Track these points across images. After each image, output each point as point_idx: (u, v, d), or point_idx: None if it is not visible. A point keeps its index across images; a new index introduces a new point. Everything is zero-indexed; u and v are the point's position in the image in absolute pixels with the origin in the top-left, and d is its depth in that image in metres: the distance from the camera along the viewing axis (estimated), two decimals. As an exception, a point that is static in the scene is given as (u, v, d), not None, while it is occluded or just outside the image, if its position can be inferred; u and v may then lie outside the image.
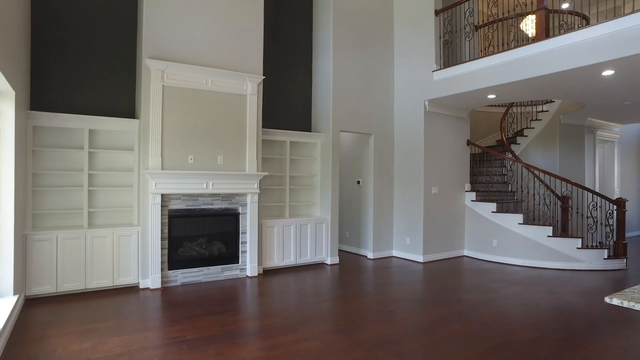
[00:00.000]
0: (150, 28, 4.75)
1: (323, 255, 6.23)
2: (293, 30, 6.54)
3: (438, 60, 6.32)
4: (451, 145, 6.87)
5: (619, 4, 8.25)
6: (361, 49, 6.60)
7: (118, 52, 5.10)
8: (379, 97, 6.82)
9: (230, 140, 5.24)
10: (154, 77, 4.71)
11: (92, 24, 4.95)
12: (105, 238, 4.56)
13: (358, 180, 7.09)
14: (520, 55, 5.14)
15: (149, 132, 4.71)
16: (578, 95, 5.98)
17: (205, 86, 5.06)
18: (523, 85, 5.46)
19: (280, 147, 6.28)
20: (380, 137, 6.83)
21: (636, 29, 4.10)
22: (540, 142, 8.05)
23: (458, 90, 5.90)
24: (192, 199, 5.01)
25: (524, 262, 6.29)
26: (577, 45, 4.57)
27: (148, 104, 4.72)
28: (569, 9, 6.75)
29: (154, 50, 4.76)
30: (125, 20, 5.15)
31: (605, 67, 4.63)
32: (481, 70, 5.59)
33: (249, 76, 5.31)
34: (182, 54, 4.95)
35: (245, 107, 5.37)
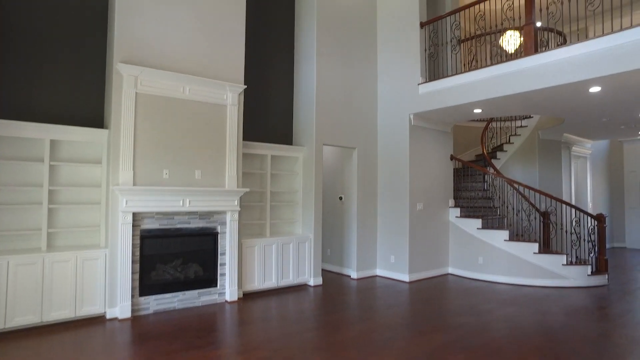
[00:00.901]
0: (122, 30, 4.34)
1: (306, 276, 5.89)
2: (274, 39, 6.27)
3: (424, 73, 6.22)
4: (435, 160, 6.75)
5: (586, 25, 8.52)
6: (345, 60, 6.41)
7: (86, 54, 4.65)
8: (363, 109, 6.63)
9: (208, 154, 4.86)
10: (126, 83, 4.30)
11: (57, 22, 4.49)
12: (67, 262, 4.05)
13: (340, 196, 6.83)
14: (508, 70, 5.08)
15: (119, 144, 4.27)
16: (562, 111, 6.00)
17: (183, 95, 4.69)
18: (510, 100, 5.41)
19: (260, 161, 5.94)
20: (364, 151, 6.62)
21: (625, 47, 4.10)
22: (520, 157, 8.10)
23: (445, 104, 5.79)
24: (167, 217, 4.58)
25: (510, 280, 6.18)
26: (566, 61, 4.54)
27: (119, 112, 4.29)
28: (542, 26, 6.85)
29: (126, 54, 4.36)
30: (94, 19, 4.72)
31: (593, 84, 4.63)
32: (469, 84, 5.50)
33: (229, 85, 4.98)
34: (158, 59, 4.56)
35: (225, 118, 5.02)
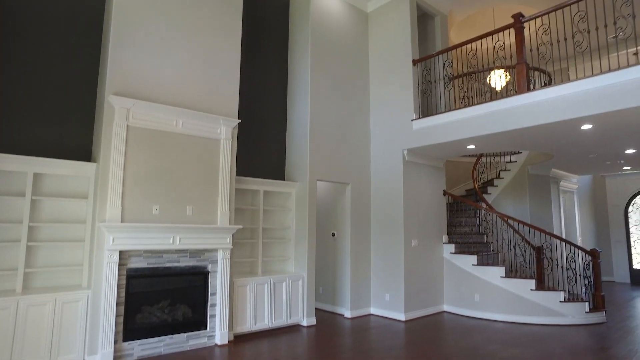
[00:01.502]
0: (116, 61, 4.25)
1: (299, 316, 5.62)
2: (268, 73, 6.27)
3: (417, 109, 6.26)
4: (429, 196, 6.70)
5: (568, 65, 8.85)
6: (338, 95, 6.43)
7: (76, 84, 4.52)
8: (356, 145, 6.60)
9: (200, 189, 4.69)
10: (117, 115, 4.16)
11: (47, 52, 4.37)
12: (44, 306, 3.74)
13: (333, 232, 6.67)
14: (502, 107, 5.15)
15: (108, 178, 4.08)
16: (552, 147, 6.08)
17: (175, 128, 4.56)
18: (503, 137, 5.45)
19: (252, 197, 5.78)
20: (358, 187, 6.53)
21: (616, 86, 4.19)
22: (510, 192, 8.14)
23: (439, 140, 5.80)
24: (156, 255, 4.33)
25: (508, 318, 6.03)
26: (559, 99, 4.62)
27: (109, 145, 4.12)
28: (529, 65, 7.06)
29: (119, 85, 4.24)
30: (87, 50, 4.62)
31: (585, 122, 4.70)
32: (462, 121, 5.54)
33: (223, 119, 4.88)
34: (151, 92, 4.46)
35: (218, 153, 4.89)
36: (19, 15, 4.23)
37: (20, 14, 4.24)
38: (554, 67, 8.86)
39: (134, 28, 4.40)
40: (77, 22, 4.58)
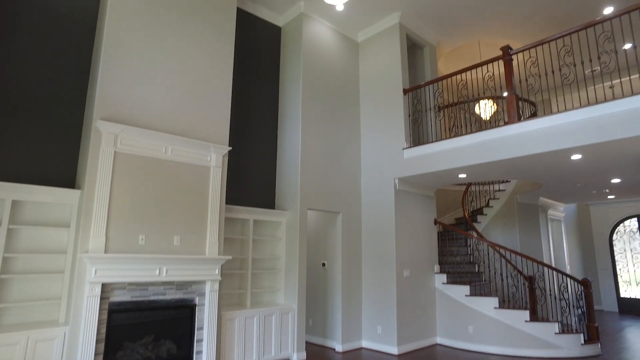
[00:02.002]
0: (105, 85, 4.14)
1: (289, 350, 5.38)
2: (259, 101, 6.24)
3: (408, 138, 6.28)
4: (420, 225, 6.64)
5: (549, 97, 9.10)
6: (329, 123, 6.42)
7: (62, 108, 4.38)
8: (347, 173, 6.55)
9: (189, 218, 4.53)
10: (105, 141, 4.02)
11: (32, 72, 4.24)
12: (14, 346, 3.46)
13: (323, 263, 6.51)
14: (493, 137, 5.18)
15: (92, 206, 3.89)
16: (541, 176, 6.13)
17: (165, 155, 4.43)
18: (495, 166, 5.47)
19: (242, 226, 5.62)
20: (348, 216, 6.44)
21: (605, 118, 4.27)
22: (500, 220, 8.15)
23: (430, 169, 5.79)
24: (141, 288, 4.10)
25: (503, 350, 5.88)
26: (550, 129, 4.67)
27: (95, 172, 3.96)
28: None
29: (107, 110, 4.12)
30: (75, 73, 4.50)
31: (575, 152, 4.76)
32: (454, 150, 5.56)
33: (213, 146, 4.78)
34: (140, 117, 4.34)
35: (208, 181, 4.76)
36: (5, 35, 4.12)
37: (7, 33, 4.13)
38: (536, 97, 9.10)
39: (126, 52, 4.33)
40: (67, 44, 4.49)
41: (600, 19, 4.56)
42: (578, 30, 4.68)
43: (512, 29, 6.98)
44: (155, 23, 4.61)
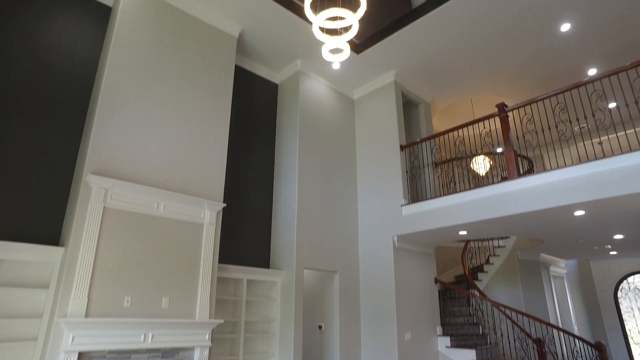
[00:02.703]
0: (99, 138, 4.05)
1: None
2: (255, 155, 6.18)
3: (406, 195, 6.18)
4: (420, 284, 6.36)
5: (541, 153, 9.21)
6: (326, 179, 6.33)
7: (51, 162, 4.24)
8: (344, 230, 6.36)
9: (179, 278, 4.26)
10: (94, 196, 3.85)
11: (23, 123, 4.14)
12: None
13: (320, 325, 6.13)
14: (493, 193, 5.10)
15: (76, 265, 3.64)
16: (543, 232, 6.00)
17: (156, 211, 4.25)
18: (496, 223, 5.33)
19: (235, 286, 5.32)
20: (346, 275, 6.16)
21: (605, 174, 4.22)
22: (501, 278, 7.88)
23: (430, 226, 5.63)
24: (123, 356, 3.74)
25: None
26: (551, 185, 4.60)
27: (81, 228, 3.75)
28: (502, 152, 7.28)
29: (99, 164, 3.99)
30: (68, 126, 4.42)
31: (577, 208, 4.67)
32: (454, 207, 5.44)
33: (208, 202, 4.63)
34: (133, 172, 4.21)
35: (200, 239, 4.55)
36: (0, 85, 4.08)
37: (1, 83, 4.09)
38: (528, 152, 9.21)
39: (122, 106, 4.29)
40: (62, 98, 4.45)
41: (587, 80, 4.68)
42: (569, 89, 4.78)
43: (502, 86, 7.18)
44: (154, 78, 4.63)
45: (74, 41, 4.67)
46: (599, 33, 5.79)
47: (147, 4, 4.79)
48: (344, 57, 3.71)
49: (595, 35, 5.84)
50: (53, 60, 4.48)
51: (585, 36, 5.85)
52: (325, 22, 3.65)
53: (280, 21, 5.53)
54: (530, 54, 6.25)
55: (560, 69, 6.62)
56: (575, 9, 5.31)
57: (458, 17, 5.45)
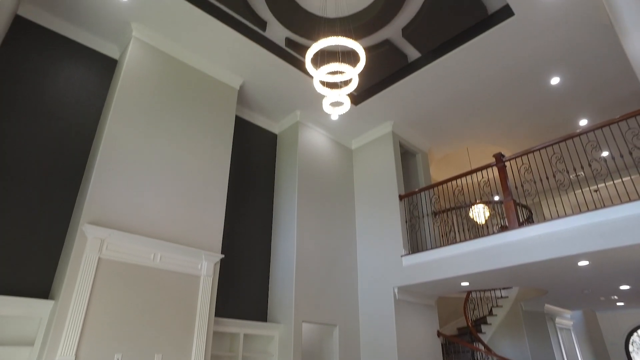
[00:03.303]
0: (97, 187, 4.02)
1: None
2: (253, 205, 6.14)
3: (406, 245, 6.09)
4: (422, 338, 6.12)
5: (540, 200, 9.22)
6: (325, 230, 6.26)
7: (42, 210, 4.17)
8: (344, 282, 6.21)
9: (173, 333, 4.08)
10: (90, 247, 3.76)
11: (21, 171, 4.12)
12: None
13: (319, 381, 5.81)
14: (495, 243, 5.03)
15: (65, 319, 3.48)
16: (547, 283, 5.87)
17: (153, 262, 4.15)
18: (498, 274, 5.23)
19: (230, 341, 5.09)
20: (346, 329, 5.93)
21: (608, 224, 4.19)
22: (506, 330, 7.60)
23: (431, 277, 5.51)
24: (108, 422, 3.49)
25: None
26: (553, 235, 4.56)
27: (74, 280, 3.63)
28: (499, 200, 7.29)
29: (96, 213, 3.94)
30: (66, 176, 4.39)
31: (582, 258, 4.60)
32: (455, 257, 5.35)
33: (205, 253, 4.53)
34: (130, 221, 4.15)
35: (197, 291, 4.41)
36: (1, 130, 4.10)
37: (3, 128, 4.11)
38: (527, 200, 9.23)
39: (123, 154, 4.30)
40: (62, 143, 4.46)
41: (580, 131, 4.80)
42: (564, 139, 4.87)
43: (498, 136, 7.32)
44: (155, 128, 4.69)
45: (79, 92, 4.77)
46: (587, 87, 6.00)
47: (152, 57, 4.96)
48: (344, 110, 3.79)
49: (583, 89, 6.05)
50: (57, 110, 4.55)
51: (574, 89, 6.06)
52: (325, 76, 3.76)
53: (280, 73, 5.71)
54: (523, 105, 6.44)
55: (553, 119, 6.79)
56: (563, 64, 5.53)
57: (451, 71, 5.65)
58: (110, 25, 4.89)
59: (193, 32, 5.02)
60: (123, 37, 5.04)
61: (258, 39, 5.20)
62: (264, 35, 5.25)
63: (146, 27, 4.92)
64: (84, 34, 4.98)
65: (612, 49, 5.24)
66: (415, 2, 4.79)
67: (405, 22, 5.04)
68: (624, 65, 5.51)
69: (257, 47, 5.25)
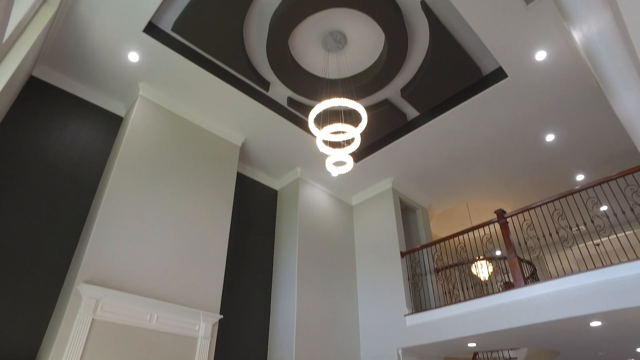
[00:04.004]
0: (96, 245, 3.94)
1: None
2: (252, 262, 6.01)
3: (409, 304, 5.91)
4: (431, 404, 5.76)
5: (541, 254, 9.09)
6: (326, 286, 6.09)
7: (36, 268, 4.05)
8: (346, 343, 5.93)
9: (166, 401, 3.82)
10: (84, 307, 3.62)
11: (17, 229, 4.04)
12: None
13: None
14: (501, 302, 4.88)
15: (52, 390, 3.27)
16: (559, 344, 5.62)
17: (149, 324, 3.98)
18: (507, 334, 5.01)
19: (226, 408, 4.77)
20: (349, 393, 5.59)
21: (618, 282, 4.09)
22: (518, 398, 7.15)
23: (437, 338, 5.28)
24: None
25: None
26: (561, 293, 4.43)
27: (64, 344, 3.45)
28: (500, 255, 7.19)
29: (93, 272, 3.83)
30: (63, 234, 4.32)
31: (594, 319, 4.43)
32: (461, 317, 5.16)
33: (203, 314, 4.37)
34: (127, 281, 4.03)
35: (194, 354, 4.19)
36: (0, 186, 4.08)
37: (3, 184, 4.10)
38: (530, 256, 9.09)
39: (123, 212, 4.27)
40: (62, 199, 4.43)
41: (579, 187, 4.84)
42: (564, 196, 4.89)
43: (497, 191, 7.36)
44: (157, 184, 4.70)
45: (84, 148, 4.83)
46: (581, 144, 6.13)
47: (156, 114, 5.09)
48: (347, 169, 3.83)
49: (578, 146, 6.18)
50: (61, 165, 4.58)
51: (569, 146, 6.19)
52: (328, 135, 3.84)
53: (281, 131, 5.84)
54: (520, 161, 6.54)
55: (550, 174, 6.87)
56: (557, 122, 5.69)
57: (449, 129, 5.80)
58: (119, 84, 5.06)
59: (198, 91, 5.20)
60: (130, 95, 5.20)
61: (261, 98, 5.38)
62: (266, 94, 5.43)
63: (153, 86, 5.09)
64: (92, 92, 5.14)
65: (602, 108, 5.43)
66: (413, 64, 5.02)
67: (404, 82, 5.25)
68: (615, 123, 5.68)
69: (259, 106, 5.41)
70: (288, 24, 4.39)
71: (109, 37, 4.46)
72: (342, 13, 4.45)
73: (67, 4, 4.09)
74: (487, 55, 4.87)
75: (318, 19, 4.51)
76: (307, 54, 4.92)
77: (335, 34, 4.64)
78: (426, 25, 4.53)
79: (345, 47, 4.85)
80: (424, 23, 4.51)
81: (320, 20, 4.52)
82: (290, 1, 4.19)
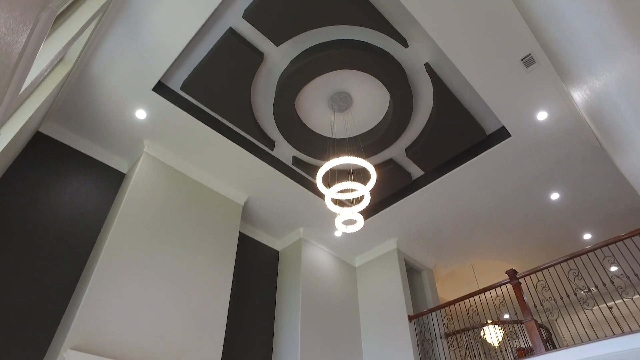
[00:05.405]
0: (88, 307, 3.66)
1: None
2: (253, 324, 5.65)
3: (421, 372, 5.50)
4: None
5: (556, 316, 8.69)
6: (329, 352, 5.69)
7: (17, 328, 3.72)
8: (353, 417, 5.44)
9: None
10: (70, 383, 3.29)
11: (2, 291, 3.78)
12: None
13: None
14: (521, 371, 4.55)
15: None
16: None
17: (139, 399, 3.61)
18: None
19: None
20: None
21: None
22: None
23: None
24: None
25: None
26: (586, 361, 4.14)
27: None
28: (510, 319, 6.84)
29: (82, 337, 3.52)
30: (53, 296, 4.04)
31: (622, 389, 4.10)
32: (478, 387, 4.78)
33: (200, 384, 4.00)
34: (119, 347, 3.70)
35: None
36: (-5, 261, 3.87)
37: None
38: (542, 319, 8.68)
39: (120, 272, 4.03)
40: (56, 259, 4.20)
41: (589, 248, 4.72)
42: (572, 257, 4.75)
43: (503, 251, 7.18)
44: (158, 243, 4.51)
45: (83, 204, 4.68)
46: (587, 202, 6.09)
47: (159, 172, 5.02)
48: (357, 227, 3.71)
49: (583, 204, 6.12)
50: (58, 223, 4.40)
51: (574, 204, 6.13)
52: (337, 194, 3.76)
53: (284, 190, 5.76)
54: (525, 220, 6.45)
55: (557, 233, 6.75)
56: (561, 181, 5.68)
57: (454, 189, 5.76)
58: (124, 141, 5.03)
59: (203, 149, 5.18)
60: (134, 152, 5.16)
61: (265, 157, 5.36)
62: (271, 153, 5.43)
63: (158, 143, 5.08)
64: (96, 148, 5.09)
65: (605, 167, 5.44)
66: (417, 125, 5.08)
67: (409, 142, 5.29)
68: (619, 181, 5.67)
69: (264, 165, 5.38)
70: (295, 85, 4.48)
71: (118, 94, 4.51)
72: (347, 74, 4.58)
73: (82, 63, 4.17)
74: (489, 115, 4.96)
75: (324, 80, 4.62)
76: (313, 114, 4.98)
77: (341, 95, 4.73)
78: (430, 86, 4.65)
79: (350, 107, 4.93)
80: (428, 84, 4.63)
81: (327, 81, 4.63)
82: (297, 63, 4.31)
